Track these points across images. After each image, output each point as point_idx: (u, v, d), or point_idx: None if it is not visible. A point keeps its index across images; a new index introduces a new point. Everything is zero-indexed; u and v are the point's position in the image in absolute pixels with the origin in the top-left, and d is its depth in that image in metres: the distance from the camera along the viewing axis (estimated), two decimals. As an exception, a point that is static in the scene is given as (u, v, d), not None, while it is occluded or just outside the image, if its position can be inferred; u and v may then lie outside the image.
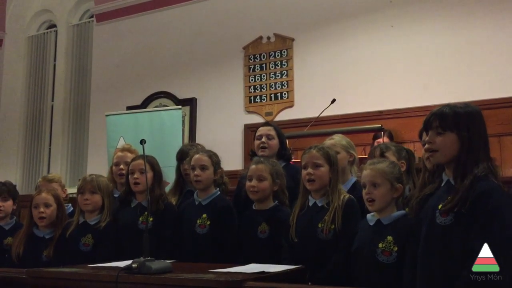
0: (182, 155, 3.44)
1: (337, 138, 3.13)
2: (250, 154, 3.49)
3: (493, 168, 1.95)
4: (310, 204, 2.64)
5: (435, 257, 1.94)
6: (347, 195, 2.60)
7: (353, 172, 3.00)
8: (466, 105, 2.03)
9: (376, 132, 5.08)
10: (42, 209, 3.16)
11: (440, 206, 1.94)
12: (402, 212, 2.32)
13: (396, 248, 2.21)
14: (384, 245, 2.24)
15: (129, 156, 3.46)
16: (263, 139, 3.33)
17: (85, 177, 3.20)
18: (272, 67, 6.47)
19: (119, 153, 3.63)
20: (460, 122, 1.97)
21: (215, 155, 3.13)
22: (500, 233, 1.81)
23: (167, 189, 3.49)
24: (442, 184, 2.04)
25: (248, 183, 2.86)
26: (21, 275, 2.40)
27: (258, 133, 3.40)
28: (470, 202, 1.87)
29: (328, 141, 3.07)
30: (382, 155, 2.92)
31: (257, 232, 2.79)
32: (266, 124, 3.54)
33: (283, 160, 3.33)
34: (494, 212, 1.83)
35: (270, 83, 6.46)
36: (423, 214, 2.04)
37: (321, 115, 5.17)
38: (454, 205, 1.89)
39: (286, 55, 6.40)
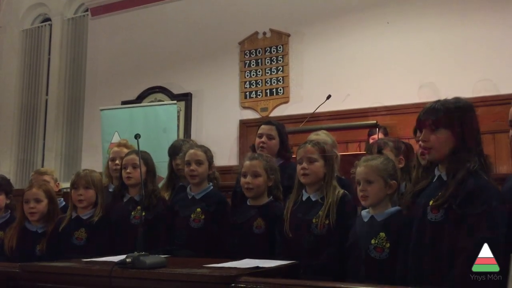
0: (174, 151, 3.44)
1: (323, 135, 3.12)
2: (250, 149, 3.46)
3: (485, 163, 1.95)
4: (304, 198, 2.64)
5: (426, 254, 1.94)
6: (342, 191, 2.60)
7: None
8: (457, 100, 2.03)
9: (371, 129, 5.09)
10: (32, 205, 3.15)
11: (431, 203, 1.94)
12: (396, 208, 2.32)
13: (388, 245, 2.22)
14: (376, 241, 2.25)
15: (125, 151, 3.45)
16: (263, 139, 3.30)
17: (79, 172, 3.19)
18: (267, 62, 6.46)
19: (115, 148, 3.63)
20: (453, 118, 1.97)
21: (209, 150, 3.15)
22: (489, 231, 1.81)
23: (160, 184, 3.49)
24: (434, 180, 2.04)
25: (243, 180, 2.86)
26: (15, 269, 2.39)
27: (259, 131, 3.36)
28: (460, 200, 1.87)
29: (313, 136, 3.06)
30: (380, 151, 2.90)
31: (252, 227, 2.79)
32: (269, 122, 3.44)
33: (282, 158, 3.30)
34: (484, 211, 1.83)
35: (265, 79, 6.45)
36: (414, 210, 2.04)
37: (316, 111, 5.18)
38: (445, 201, 1.89)
39: (282, 51, 6.39)
